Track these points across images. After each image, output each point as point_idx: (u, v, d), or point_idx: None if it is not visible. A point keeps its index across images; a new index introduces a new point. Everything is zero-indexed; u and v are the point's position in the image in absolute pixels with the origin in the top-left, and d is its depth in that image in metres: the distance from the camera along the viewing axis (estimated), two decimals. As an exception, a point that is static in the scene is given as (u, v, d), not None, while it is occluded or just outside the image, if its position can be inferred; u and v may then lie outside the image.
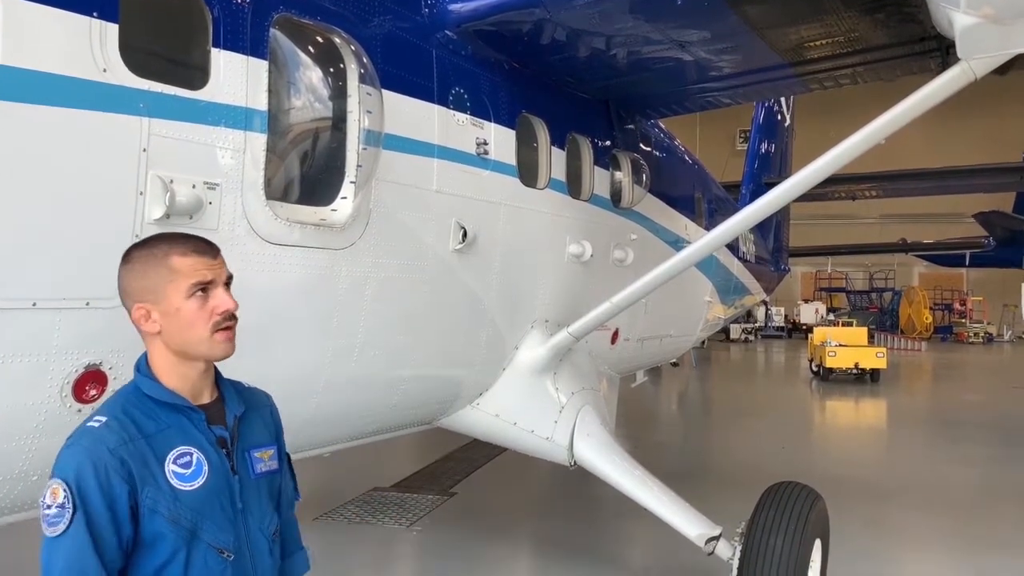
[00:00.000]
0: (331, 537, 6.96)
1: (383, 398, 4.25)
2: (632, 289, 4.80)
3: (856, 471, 10.14)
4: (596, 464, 5.13)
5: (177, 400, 1.91)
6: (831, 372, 20.07)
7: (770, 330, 43.64)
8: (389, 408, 4.41)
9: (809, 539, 4.54)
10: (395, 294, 3.97)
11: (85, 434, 1.81)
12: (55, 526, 1.73)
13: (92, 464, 1.76)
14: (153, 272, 1.87)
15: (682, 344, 8.36)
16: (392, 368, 4.16)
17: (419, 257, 4.07)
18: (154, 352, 1.93)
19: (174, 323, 1.87)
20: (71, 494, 1.73)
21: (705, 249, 4.70)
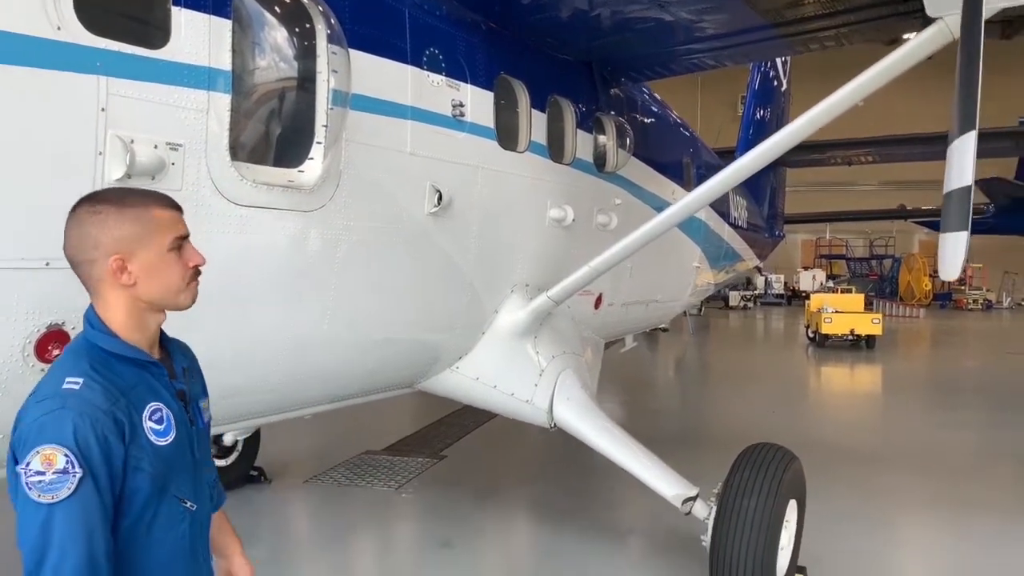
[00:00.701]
0: (320, 499, 7.05)
1: (359, 360, 4.27)
2: (610, 253, 4.80)
3: (845, 435, 10.22)
4: (576, 426, 5.17)
5: (140, 355, 1.90)
6: (827, 338, 20.18)
7: (769, 297, 43.68)
8: (366, 371, 4.44)
9: (782, 499, 4.59)
10: (368, 257, 3.97)
11: (68, 397, 1.76)
12: (54, 491, 1.69)
13: (91, 426, 1.74)
14: (132, 224, 1.85)
15: (670, 309, 8.38)
16: (367, 330, 4.18)
17: (393, 220, 4.07)
18: (116, 305, 1.88)
19: (154, 274, 1.87)
20: (75, 458, 1.71)
21: (681, 213, 4.68)
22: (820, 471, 8.03)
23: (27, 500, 1.71)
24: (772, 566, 4.50)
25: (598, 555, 5.72)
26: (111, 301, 1.88)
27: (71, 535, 1.70)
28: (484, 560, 5.67)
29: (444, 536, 6.10)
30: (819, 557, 5.54)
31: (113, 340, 1.88)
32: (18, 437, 1.77)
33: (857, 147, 12.60)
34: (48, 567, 1.70)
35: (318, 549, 5.92)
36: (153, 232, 1.86)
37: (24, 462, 1.71)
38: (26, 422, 1.77)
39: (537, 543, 6.10)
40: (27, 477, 1.70)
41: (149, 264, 1.86)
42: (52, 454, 1.70)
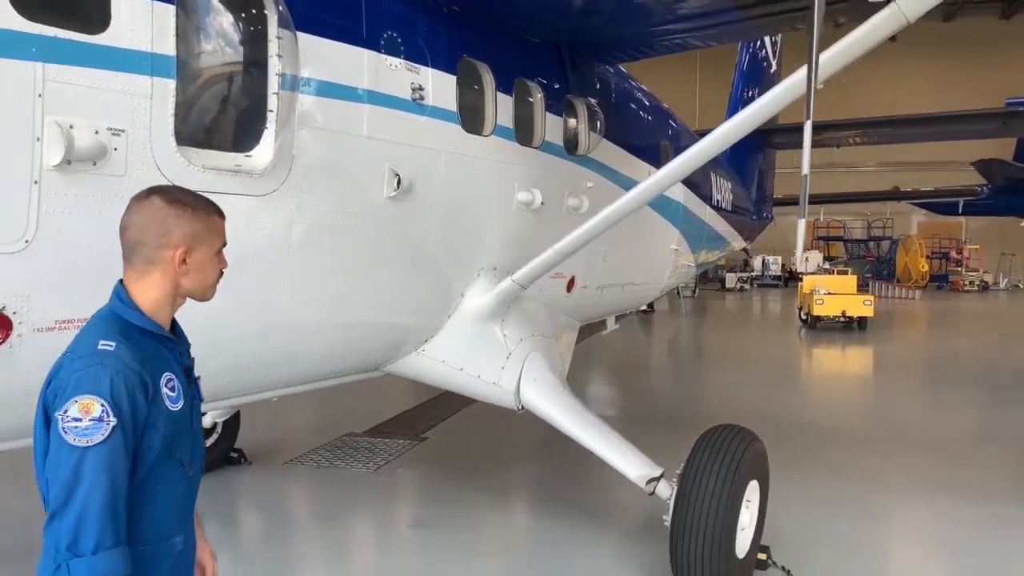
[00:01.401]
0: (297, 481, 7.12)
1: (320, 343, 4.31)
2: (575, 236, 4.82)
3: (828, 416, 10.28)
4: (542, 407, 5.21)
5: (159, 331, 2.16)
6: (819, 320, 20.24)
7: (767, 279, 43.73)
8: (329, 354, 4.47)
9: (742, 480, 4.64)
10: (326, 240, 3.99)
11: (105, 355, 2.00)
12: (90, 436, 1.92)
13: (124, 382, 1.98)
14: (203, 225, 2.17)
15: (647, 292, 8.40)
16: (327, 314, 4.21)
17: (350, 204, 4.08)
18: (157, 286, 2.15)
19: (202, 270, 2.18)
20: (108, 408, 1.94)
21: (642, 196, 4.68)
22: (800, 453, 8.14)
23: (62, 443, 1.93)
24: (731, 545, 4.56)
25: (573, 535, 5.78)
26: (155, 282, 2.15)
27: (100, 476, 1.92)
28: (455, 540, 5.73)
29: (417, 517, 6.18)
30: (790, 537, 5.61)
31: (139, 314, 2.13)
32: (54, 388, 2.01)
33: (846, 129, 12.56)
34: (77, 502, 1.90)
35: (291, 530, 5.99)
36: (212, 235, 2.20)
37: (62, 409, 1.94)
38: (63, 375, 2.00)
39: (512, 523, 6.17)
40: (64, 423, 1.93)
41: (202, 261, 2.18)
42: (90, 403, 1.93)
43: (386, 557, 5.49)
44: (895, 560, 5.44)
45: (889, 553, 5.54)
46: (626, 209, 4.75)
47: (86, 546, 1.90)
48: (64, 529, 1.91)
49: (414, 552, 5.58)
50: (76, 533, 1.90)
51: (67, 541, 1.90)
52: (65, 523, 1.91)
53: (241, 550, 5.50)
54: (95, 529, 1.90)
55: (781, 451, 8.15)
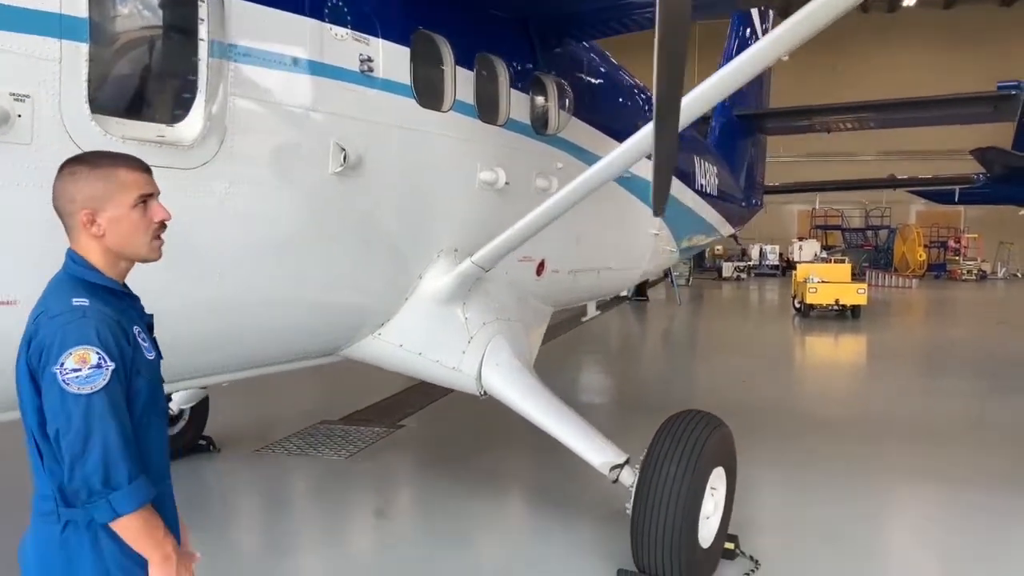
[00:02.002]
0: (265, 469, 6.98)
1: (263, 325, 4.14)
2: (534, 216, 4.66)
3: (812, 403, 10.16)
4: (504, 393, 5.07)
5: (120, 287, 2.22)
6: (812, 308, 20.11)
7: (764, 268, 43.60)
8: (274, 336, 4.31)
9: (705, 467, 4.50)
10: (264, 217, 3.83)
11: (84, 309, 2.06)
12: (92, 383, 2.00)
13: (109, 330, 2.07)
14: (102, 183, 2.13)
15: (626, 278, 8.22)
16: (269, 294, 4.04)
17: (292, 179, 3.91)
18: (92, 251, 2.17)
19: (118, 228, 2.15)
20: (103, 354, 2.03)
21: (598, 177, 4.48)
22: (781, 440, 8.00)
23: (65, 395, 2.00)
24: (693, 534, 4.42)
25: (540, 524, 5.65)
26: (85, 246, 2.18)
27: (111, 416, 2.02)
28: (412, 530, 5.60)
29: (379, 506, 6.04)
30: (763, 525, 5.48)
31: (97, 273, 2.18)
32: (36, 348, 2.07)
33: (834, 113, 12.37)
34: (97, 444, 2.00)
35: (251, 518, 5.87)
36: (119, 191, 2.14)
37: (57, 364, 2.00)
38: (45, 333, 2.05)
39: (477, 512, 6.02)
40: (64, 375, 2.00)
41: (115, 219, 2.14)
42: (85, 353, 2.01)
43: (342, 547, 5.35)
44: (873, 549, 5.29)
45: (867, 542, 5.39)
46: (585, 188, 4.56)
47: (121, 478, 2.01)
48: (91, 470, 1.99)
49: (372, 542, 5.45)
50: (107, 470, 2.00)
51: (100, 479, 1.99)
52: (90, 465, 1.99)
53: (200, 537, 5.36)
54: (123, 462, 2.02)
55: (760, 439, 8.08)
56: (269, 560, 5.08)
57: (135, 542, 2.09)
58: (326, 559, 5.11)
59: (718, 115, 13.09)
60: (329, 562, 5.06)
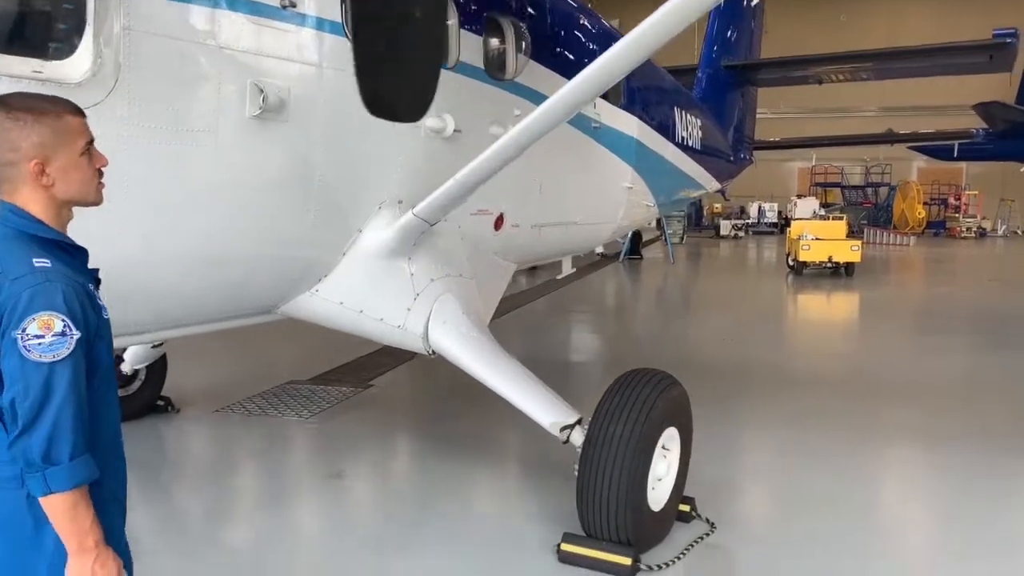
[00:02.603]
0: (223, 429, 6.81)
1: (184, 281, 3.90)
2: (475, 164, 4.39)
3: (793, 361, 9.96)
4: (452, 352, 4.85)
5: (71, 241, 2.14)
6: (805, 266, 19.88)
7: (762, 226, 43.29)
8: (198, 293, 4.07)
9: (654, 426, 4.29)
10: (171, 164, 3.56)
11: (48, 271, 1.99)
12: (55, 351, 1.94)
13: (75, 294, 2.00)
14: (50, 131, 2.03)
15: (596, 233, 7.93)
16: (184, 248, 3.79)
17: (202, 122, 3.63)
18: (35, 203, 2.07)
19: (69, 176, 2.07)
20: (69, 322, 1.96)
21: (545, 120, 4.19)
22: (756, 399, 7.82)
23: (25, 361, 1.94)
24: (640, 495, 4.23)
25: (495, 487, 5.49)
26: (28, 197, 2.07)
27: (70, 389, 1.97)
28: (367, 492, 5.44)
29: (337, 467, 5.87)
30: (728, 487, 5.31)
31: (43, 227, 2.08)
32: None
33: (826, 63, 11.95)
34: (49, 416, 1.95)
35: (203, 479, 5.69)
36: (68, 137, 2.06)
37: (19, 328, 1.93)
38: (6, 296, 1.96)
39: (433, 473, 5.85)
40: (24, 341, 1.93)
41: (65, 167, 2.06)
42: (50, 320, 1.94)
43: (290, 509, 5.18)
44: (846, 511, 5.11)
45: (834, 504, 5.21)
46: (533, 132, 4.28)
47: (62, 455, 1.96)
48: (36, 442, 1.95)
49: (321, 502, 5.28)
50: (49, 445, 1.95)
51: (40, 453, 1.95)
52: (36, 437, 1.94)
53: (147, 498, 5.20)
54: (69, 439, 1.97)
55: (734, 398, 7.90)
56: (213, 524, 4.92)
57: (57, 524, 2.01)
58: (267, 522, 4.94)
59: (704, 66, 12.67)
60: (272, 524, 4.89)
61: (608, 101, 7.35)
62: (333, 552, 4.51)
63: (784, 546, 4.59)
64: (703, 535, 4.67)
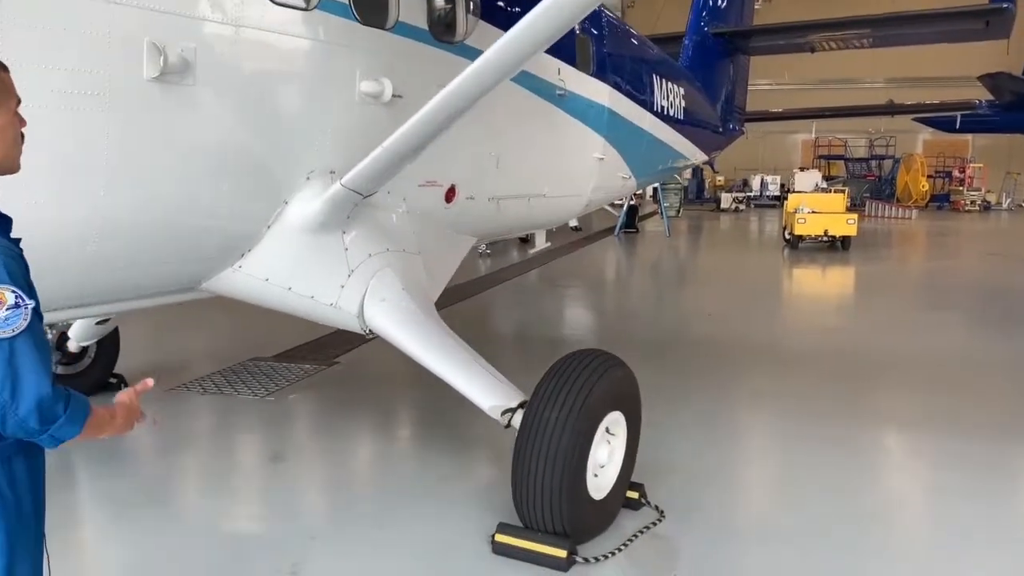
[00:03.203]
0: (174, 408, 6.59)
1: (82, 256, 3.63)
2: (403, 130, 4.10)
3: (776, 337, 9.68)
4: (389, 331, 4.60)
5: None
6: (800, 239, 19.54)
7: (764, 199, 42.80)
8: (107, 269, 3.79)
9: (594, 411, 4.04)
10: (62, 131, 3.28)
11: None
12: (12, 326, 1.89)
13: (15, 263, 1.95)
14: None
15: (564, 207, 7.61)
16: (77, 219, 3.52)
17: (91, 84, 3.34)
18: None
19: (5, 135, 1.98)
20: (21, 292, 1.91)
21: (481, 78, 3.88)
22: (725, 377, 7.57)
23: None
24: (578, 484, 3.98)
25: (442, 471, 5.25)
26: None
27: (36, 359, 1.93)
28: (304, 476, 5.21)
29: (279, 449, 5.65)
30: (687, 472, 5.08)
31: None
32: None
33: (819, 30, 11.52)
34: (28, 390, 1.91)
35: (141, 460, 5.48)
36: (4, 96, 1.96)
37: None
38: None
39: (380, 457, 5.65)
40: None
41: (2, 126, 1.97)
42: (1, 294, 1.88)
43: (214, 495, 4.95)
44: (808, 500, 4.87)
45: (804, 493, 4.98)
46: (469, 92, 3.98)
47: (57, 413, 1.97)
48: (26, 415, 1.93)
49: (256, 485, 5.06)
50: (41, 412, 1.94)
51: (36, 421, 1.94)
52: (23, 410, 1.92)
53: (71, 480, 4.99)
54: (55, 400, 1.96)
55: (712, 376, 7.65)
56: (145, 507, 4.70)
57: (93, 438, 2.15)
58: (201, 507, 4.73)
59: (691, 33, 12.25)
60: (210, 505, 4.67)
61: (576, 68, 7.01)
62: (248, 543, 4.29)
63: (737, 536, 4.35)
64: (650, 524, 4.44)
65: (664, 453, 5.48)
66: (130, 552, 4.20)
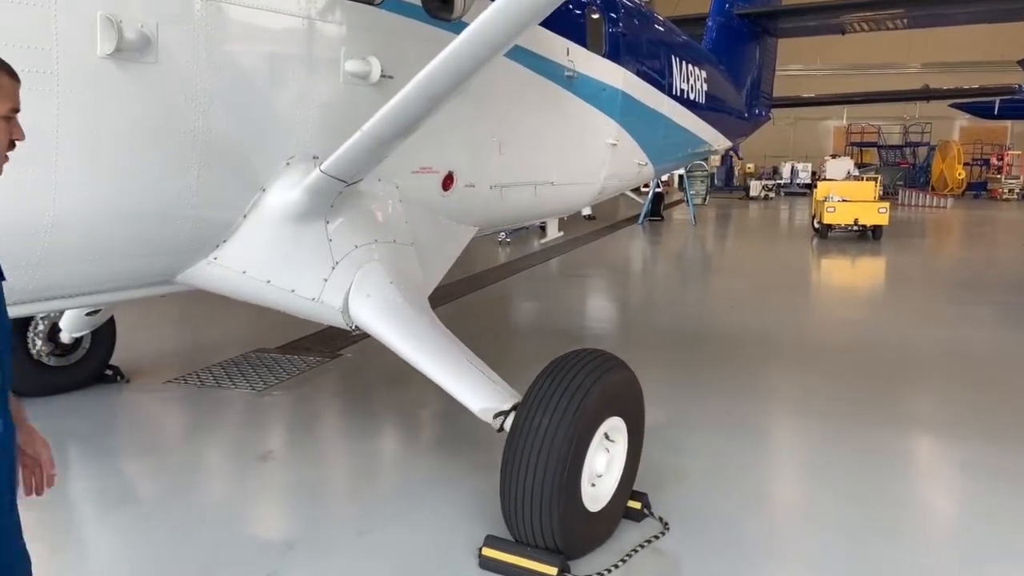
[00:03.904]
0: (166, 402, 6.40)
1: (30, 245, 3.38)
2: (383, 114, 3.79)
3: (799, 333, 9.26)
4: (375, 328, 4.33)
5: None
6: (830, 229, 18.99)
7: (794, 187, 42.03)
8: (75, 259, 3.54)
9: (589, 417, 3.72)
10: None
11: None
12: None
13: None
14: None
15: (575, 195, 7.24)
16: (34, 207, 3.28)
17: (40, 63, 3.08)
18: None
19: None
20: None
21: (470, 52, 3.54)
22: (741, 374, 7.20)
23: None
24: (571, 495, 3.68)
25: (434, 474, 4.99)
26: None
27: None
28: (290, 476, 4.96)
29: (268, 448, 5.41)
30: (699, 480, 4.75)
31: None
32: None
33: (849, 10, 10.98)
34: None
35: (122, 457, 5.27)
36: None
37: None
38: None
39: (371, 456, 5.38)
40: None
41: None
42: None
43: (206, 494, 4.74)
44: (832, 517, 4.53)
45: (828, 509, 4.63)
46: (455, 68, 3.65)
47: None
48: None
49: (240, 486, 4.82)
50: None
51: None
52: None
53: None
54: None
55: (727, 371, 7.30)
56: (116, 507, 4.49)
57: None
58: (182, 507, 4.50)
59: (715, 15, 11.76)
60: (185, 506, 4.44)
61: (587, 49, 6.66)
62: (222, 549, 4.04)
63: (748, 554, 4.02)
64: (652, 537, 4.13)
65: (672, 457, 5.16)
66: (96, 554, 3.98)
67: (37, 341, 6.22)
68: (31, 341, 6.20)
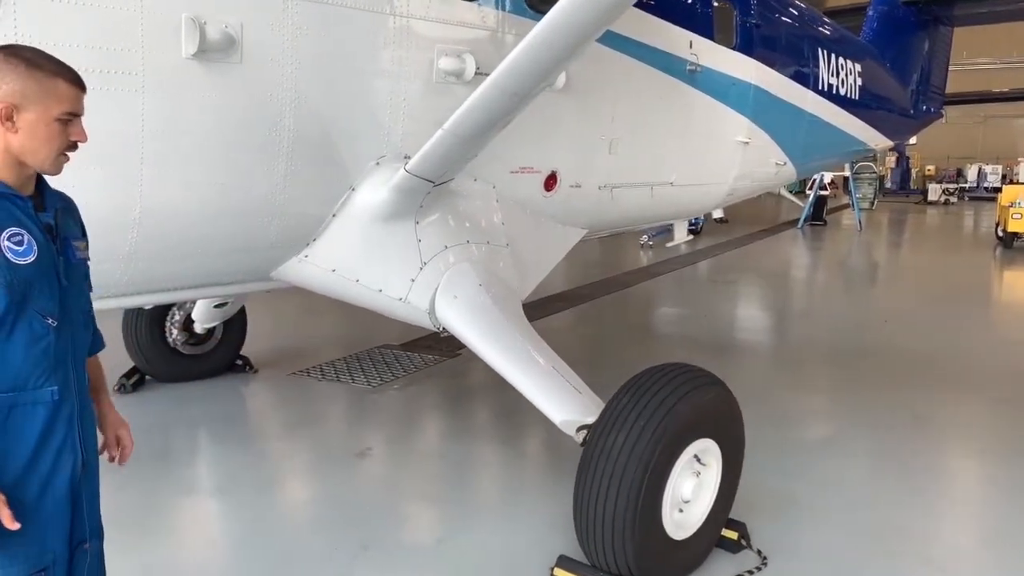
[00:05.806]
0: (284, 393, 6.62)
1: (107, 241, 3.50)
2: (463, 111, 3.66)
3: (966, 354, 8.28)
4: (460, 331, 4.22)
5: (4, 189, 2.09)
6: (1015, 237, 17.10)
7: (980, 191, 38.50)
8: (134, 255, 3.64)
9: (671, 437, 3.42)
10: (95, 112, 3.15)
11: None
12: None
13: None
14: (35, 84, 2.04)
15: (701, 196, 6.77)
16: (121, 204, 3.41)
17: (123, 63, 3.19)
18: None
19: (31, 134, 2.06)
20: None
21: (550, 40, 3.33)
22: (890, 396, 6.49)
23: None
24: (651, 520, 3.41)
25: (523, 484, 4.83)
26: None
27: None
28: (382, 475, 4.95)
29: (367, 445, 5.45)
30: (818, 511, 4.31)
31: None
32: None
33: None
34: None
35: (228, 444, 5.48)
36: (49, 98, 2.06)
37: None
38: None
39: (466, 460, 5.28)
40: None
41: (33, 124, 2.05)
42: None
43: (297, 488, 4.82)
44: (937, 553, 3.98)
45: (940, 549, 4.08)
46: (524, 69, 3.47)
47: None
48: None
49: (331, 480, 4.86)
50: None
51: None
52: None
53: (149, 465, 5.05)
54: None
55: (871, 394, 6.61)
56: (209, 497, 4.66)
57: None
58: (272, 498, 4.60)
59: (877, 3, 10.79)
60: (269, 501, 4.54)
61: (714, 41, 6.25)
62: (296, 547, 4.06)
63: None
64: (746, 572, 3.76)
65: (781, 481, 4.71)
66: (169, 539, 4.12)
67: (173, 330, 6.62)
68: (168, 330, 6.61)
